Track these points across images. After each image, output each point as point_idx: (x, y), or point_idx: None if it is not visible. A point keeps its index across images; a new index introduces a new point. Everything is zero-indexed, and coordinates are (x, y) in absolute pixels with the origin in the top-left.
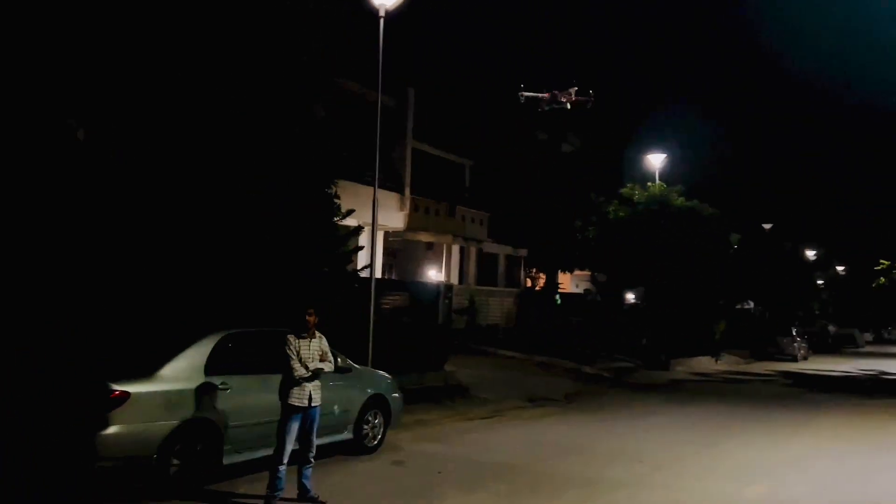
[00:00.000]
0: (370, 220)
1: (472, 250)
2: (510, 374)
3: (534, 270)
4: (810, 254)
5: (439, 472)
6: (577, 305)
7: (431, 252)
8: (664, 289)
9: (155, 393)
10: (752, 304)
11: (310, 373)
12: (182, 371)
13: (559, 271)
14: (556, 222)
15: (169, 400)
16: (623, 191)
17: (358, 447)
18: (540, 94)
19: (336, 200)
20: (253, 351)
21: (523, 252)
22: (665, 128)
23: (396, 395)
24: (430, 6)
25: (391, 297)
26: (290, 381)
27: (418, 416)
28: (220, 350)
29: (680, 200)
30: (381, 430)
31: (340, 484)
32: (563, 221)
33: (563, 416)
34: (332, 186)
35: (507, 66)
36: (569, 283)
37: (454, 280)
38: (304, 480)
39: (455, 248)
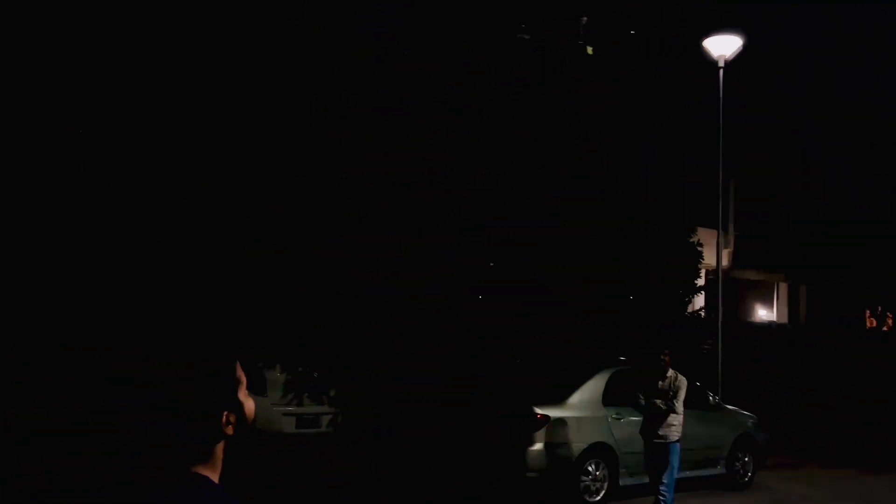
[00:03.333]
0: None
1: (803, 289)
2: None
3: (878, 309)
4: None
5: None
6: None
7: (755, 291)
8: None
9: (567, 418)
10: None
11: (664, 408)
12: (584, 401)
13: None
14: None
15: (577, 425)
16: None
17: (730, 483)
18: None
19: (699, 248)
20: (636, 385)
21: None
22: None
23: (762, 434)
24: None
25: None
26: (644, 417)
27: (778, 458)
28: (611, 384)
29: None
30: (751, 468)
31: None
32: None
33: None
34: (694, 234)
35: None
36: None
37: (784, 321)
38: None
39: (783, 287)
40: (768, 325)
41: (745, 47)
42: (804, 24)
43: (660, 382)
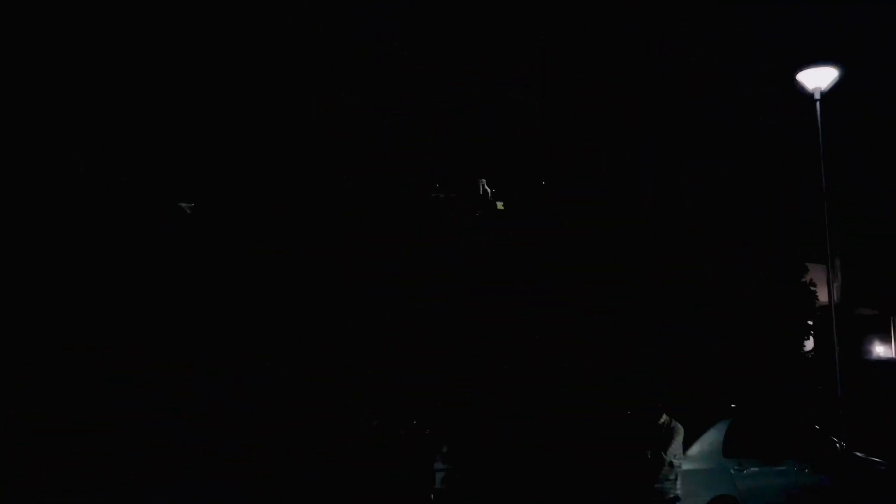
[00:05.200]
0: None
1: None
2: None
3: None
4: None
5: None
6: None
7: (869, 327)
8: None
9: (688, 471)
10: None
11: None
12: (704, 453)
13: None
14: None
15: (699, 478)
16: None
17: None
18: None
19: (812, 289)
20: (757, 435)
21: None
22: None
23: None
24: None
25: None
26: None
27: None
28: (732, 434)
29: None
30: None
31: None
32: None
33: None
34: (806, 275)
35: None
36: None
37: None
38: None
39: None
40: (887, 362)
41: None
42: None
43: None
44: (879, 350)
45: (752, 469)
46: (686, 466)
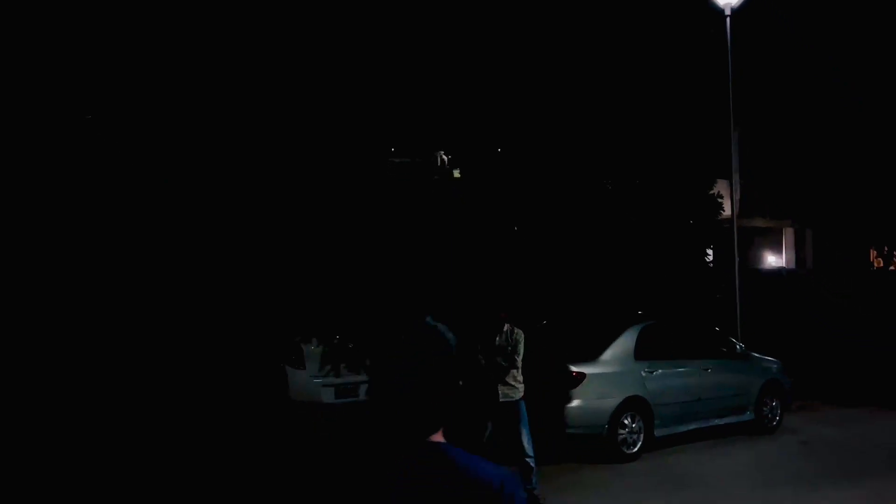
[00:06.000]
0: None
1: (809, 234)
2: None
3: (885, 249)
4: None
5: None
6: None
7: (764, 238)
8: None
9: (602, 374)
10: None
11: (505, 364)
12: (617, 357)
13: None
14: None
15: (612, 380)
16: None
17: (759, 427)
18: None
19: (719, 200)
20: (665, 339)
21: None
22: None
23: (788, 379)
24: None
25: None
26: (487, 378)
27: (802, 402)
28: (641, 339)
29: None
30: (779, 412)
31: (756, 458)
32: None
33: None
34: (714, 187)
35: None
36: None
37: (792, 266)
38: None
39: (790, 233)
40: (778, 271)
41: None
42: None
43: (497, 338)
44: (771, 259)
45: (661, 371)
46: (600, 370)
